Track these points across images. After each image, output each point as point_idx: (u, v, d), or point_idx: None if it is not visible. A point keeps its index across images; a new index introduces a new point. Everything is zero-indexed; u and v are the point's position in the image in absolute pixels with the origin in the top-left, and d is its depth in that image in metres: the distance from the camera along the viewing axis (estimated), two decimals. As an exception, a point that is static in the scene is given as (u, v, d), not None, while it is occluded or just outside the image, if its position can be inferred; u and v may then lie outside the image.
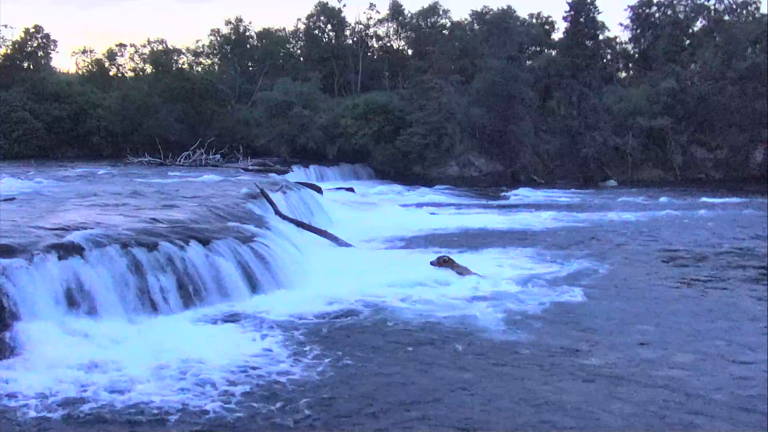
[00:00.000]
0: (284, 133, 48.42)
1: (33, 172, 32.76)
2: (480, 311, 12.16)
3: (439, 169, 45.94)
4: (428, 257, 16.18)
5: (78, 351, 9.16)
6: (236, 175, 34.28)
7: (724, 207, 30.30)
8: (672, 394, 8.41)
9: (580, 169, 47.84)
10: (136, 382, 8.48)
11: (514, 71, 46.39)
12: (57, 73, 60.01)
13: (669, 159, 48.54)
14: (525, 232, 22.91)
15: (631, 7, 58.69)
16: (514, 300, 12.96)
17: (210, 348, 9.75)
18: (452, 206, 31.64)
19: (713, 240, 21.11)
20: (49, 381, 8.34)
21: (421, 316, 11.86)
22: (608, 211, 28.82)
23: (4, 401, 7.86)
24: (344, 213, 26.41)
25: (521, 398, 8.31)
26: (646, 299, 13.39)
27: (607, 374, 9.13)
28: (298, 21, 64.21)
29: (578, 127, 47.79)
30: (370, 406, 8.08)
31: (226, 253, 13.10)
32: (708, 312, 12.41)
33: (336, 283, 13.84)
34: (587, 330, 11.26)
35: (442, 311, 12.18)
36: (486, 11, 58.63)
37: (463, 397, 8.36)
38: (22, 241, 11.01)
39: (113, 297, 10.86)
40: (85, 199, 19.40)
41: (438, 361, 9.62)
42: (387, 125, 46.49)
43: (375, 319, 11.64)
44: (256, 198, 20.37)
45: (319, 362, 9.47)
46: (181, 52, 59.55)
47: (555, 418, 7.76)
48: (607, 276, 15.56)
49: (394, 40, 63.42)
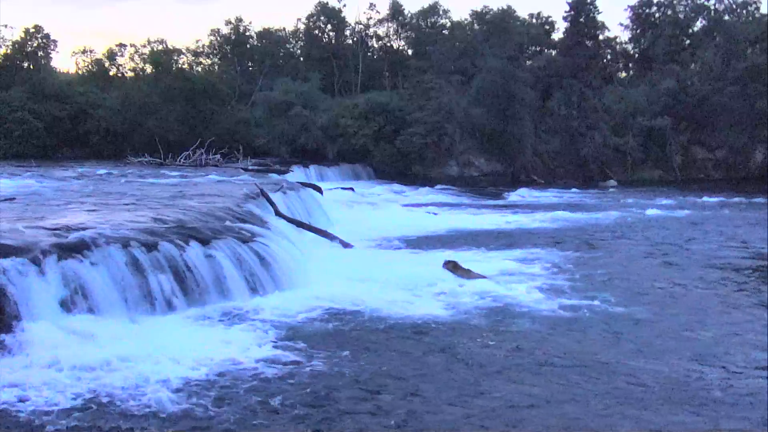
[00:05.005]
0: (284, 133, 48.44)
1: (33, 172, 32.76)
2: (487, 313, 12.05)
3: (439, 169, 45.98)
4: (428, 257, 16.20)
5: (78, 351, 9.14)
6: (236, 175, 34.28)
7: (723, 207, 30.34)
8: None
9: (580, 169, 47.88)
10: (136, 381, 8.48)
11: (514, 71, 46.40)
12: (57, 73, 60.02)
13: (669, 159, 48.56)
14: (526, 233, 22.91)
15: (631, 7, 58.83)
16: (521, 302, 12.79)
17: (210, 347, 9.75)
18: (452, 206, 31.64)
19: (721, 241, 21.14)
20: (50, 381, 8.33)
21: (422, 316, 11.78)
22: (609, 211, 28.86)
23: (4, 401, 7.86)
24: (344, 213, 26.41)
25: (535, 401, 8.30)
26: (653, 302, 13.37)
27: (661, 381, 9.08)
28: (298, 21, 64.40)
29: (578, 127, 47.81)
30: (371, 406, 8.08)
31: (226, 253, 13.09)
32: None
33: (336, 283, 13.80)
34: (589, 329, 11.25)
35: (445, 312, 12.11)
36: (486, 11, 58.68)
37: (463, 397, 8.36)
38: (23, 241, 10.99)
39: (114, 297, 10.85)
40: (85, 199, 19.40)
41: (439, 362, 9.60)
42: (387, 125, 46.51)
43: (376, 320, 11.59)
44: (256, 198, 20.36)
45: (320, 362, 9.46)
46: (181, 52, 59.64)
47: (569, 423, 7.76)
48: (608, 276, 15.51)
49: (394, 40, 63.51)
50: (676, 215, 27.68)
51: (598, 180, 46.63)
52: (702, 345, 10.50)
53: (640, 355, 9.94)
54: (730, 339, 10.79)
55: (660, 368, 9.33)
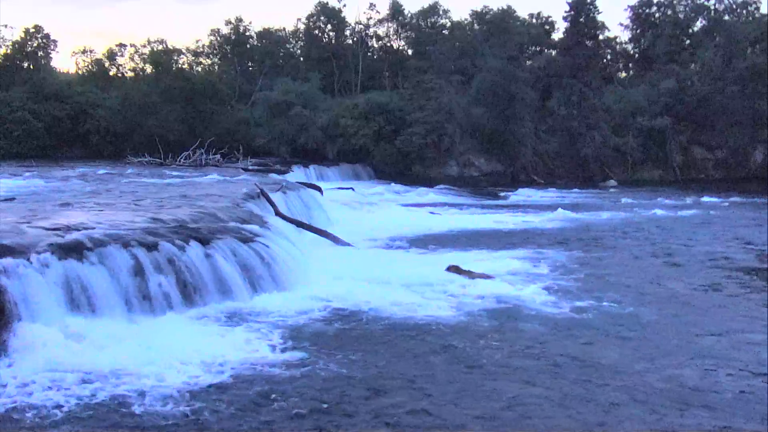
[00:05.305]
0: (284, 133, 48.45)
1: (33, 172, 32.75)
2: (494, 314, 11.95)
3: (439, 169, 45.98)
4: (430, 258, 16.13)
5: (78, 351, 9.13)
6: (236, 175, 34.27)
7: (724, 207, 30.33)
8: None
9: (580, 169, 47.88)
10: (137, 381, 8.46)
11: (514, 71, 46.40)
12: (57, 73, 60.00)
13: (669, 159, 48.55)
14: (529, 233, 22.88)
15: (631, 7, 58.84)
16: (527, 303, 12.70)
17: (210, 348, 9.73)
18: (452, 206, 31.62)
19: (718, 240, 21.12)
20: (50, 381, 8.32)
21: (427, 317, 11.69)
22: (610, 211, 28.86)
23: (4, 401, 7.84)
24: (344, 213, 26.38)
25: (544, 399, 8.27)
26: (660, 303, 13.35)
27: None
28: (298, 21, 64.40)
29: (578, 127, 47.80)
30: (378, 406, 8.04)
31: (227, 253, 13.07)
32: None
33: (336, 283, 13.78)
34: (597, 330, 11.19)
35: (451, 313, 12.02)
36: (486, 11, 58.73)
37: (470, 398, 8.34)
38: (23, 241, 10.98)
39: (114, 297, 10.83)
40: (85, 199, 19.39)
41: (444, 363, 9.57)
42: (387, 125, 46.52)
43: (379, 320, 11.54)
44: (256, 198, 20.35)
45: (320, 362, 9.43)
46: (181, 52, 59.64)
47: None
48: (614, 277, 15.45)
49: (394, 40, 63.50)
50: (677, 215, 27.67)
51: (598, 180, 46.62)
52: (712, 346, 10.36)
53: (650, 356, 9.83)
54: (739, 339, 10.68)
55: (671, 371, 9.23)
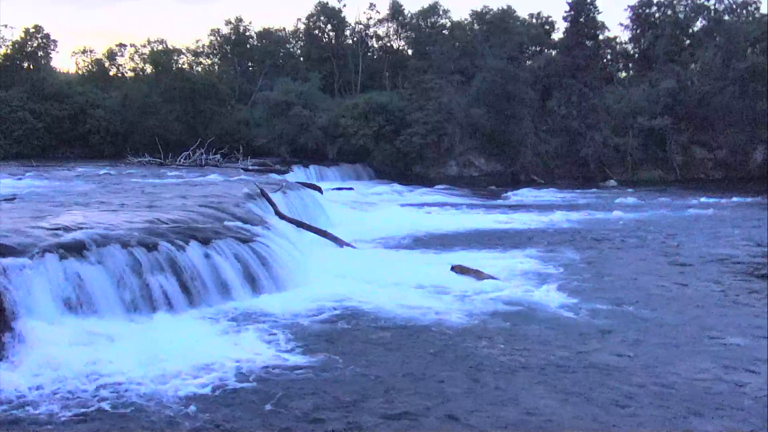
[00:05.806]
0: (284, 133, 48.46)
1: (33, 172, 32.75)
2: (502, 315, 11.85)
3: (439, 169, 46.00)
4: (433, 257, 16.08)
5: (78, 351, 9.12)
6: (236, 175, 34.27)
7: (724, 207, 30.31)
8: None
9: (580, 169, 47.88)
10: (136, 381, 8.45)
11: (514, 71, 46.42)
12: (57, 73, 60.02)
13: (669, 159, 48.55)
14: (531, 232, 22.83)
15: (631, 7, 58.78)
16: (536, 304, 12.60)
17: (210, 348, 9.72)
18: (452, 206, 31.60)
19: (716, 240, 21.12)
20: (50, 381, 8.32)
21: (431, 318, 11.60)
22: (612, 211, 28.84)
23: (3, 402, 7.83)
24: (344, 213, 26.38)
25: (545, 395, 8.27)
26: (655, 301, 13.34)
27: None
28: (298, 21, 64.48)
29: (578, 127, 47.80)
30: (383, 407, 8.02)
31: (226, 253, 13.06)
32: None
33: (337, 283, 13.76)
34: (610, 330, 11.10)
35: (456, 313, 11.94)
36: (486, 11, 58.72)
37: (479, 400, 8.33)
38: (22, 241, 10.97)
39: (113, 297, 10.83)
40: (85, 198, 19.38)
41: (442, 363, 9.56)
42: (387, 125, 46.54)
43: (382, 321, 11.49)
44: (256, 198, 20.34)
45: (320, 362, 9.42)
46: (181, 52, 59.68)
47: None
48: (623, 277, 15.39)
49: (394, 40, 63.53)
50: (678, 215, 27.64)
51: (598, 180, 46.62)
52: (728, 348, 10.21)
53: (666, 358, 9.70)
54: (757, 342, 10.57)
55: (689, 374, 9.11)
